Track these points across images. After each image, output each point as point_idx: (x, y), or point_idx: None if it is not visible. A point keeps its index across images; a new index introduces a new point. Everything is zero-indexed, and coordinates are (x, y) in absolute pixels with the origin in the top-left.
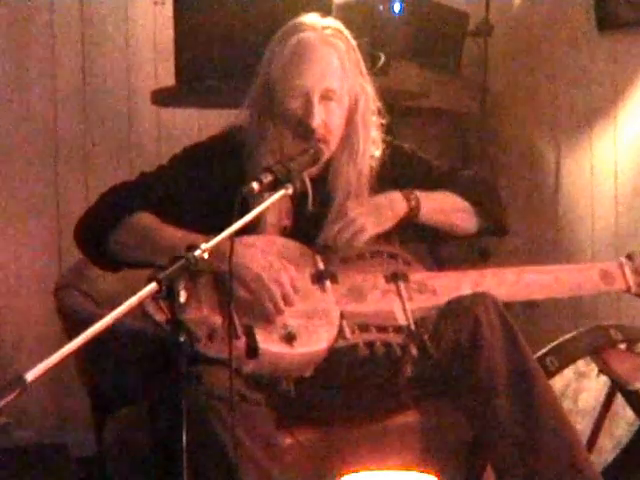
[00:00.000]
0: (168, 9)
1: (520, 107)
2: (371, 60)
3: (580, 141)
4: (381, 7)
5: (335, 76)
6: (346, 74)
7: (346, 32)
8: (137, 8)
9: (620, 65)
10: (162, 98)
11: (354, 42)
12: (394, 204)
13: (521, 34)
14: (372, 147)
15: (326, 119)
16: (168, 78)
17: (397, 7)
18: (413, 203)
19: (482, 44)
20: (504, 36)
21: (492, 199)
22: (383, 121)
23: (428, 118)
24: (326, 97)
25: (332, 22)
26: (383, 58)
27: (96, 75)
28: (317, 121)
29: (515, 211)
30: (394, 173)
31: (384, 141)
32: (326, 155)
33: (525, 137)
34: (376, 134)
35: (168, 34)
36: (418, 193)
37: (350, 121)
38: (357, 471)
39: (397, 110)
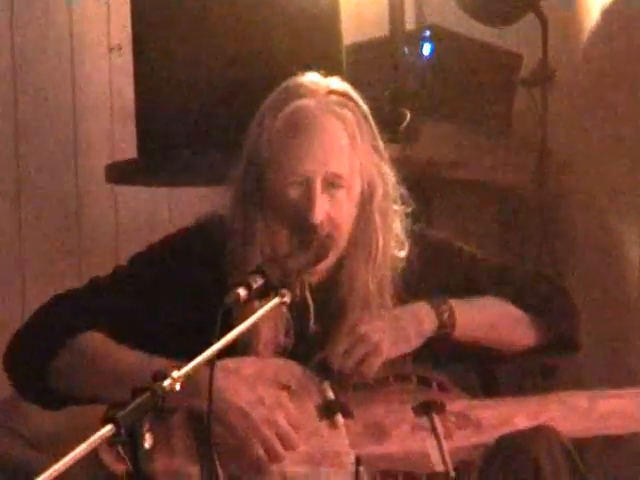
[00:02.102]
0: (127, 57)
1: (593, 179)
2: (394, 119)
3: None
4: (406, 49)
5: (342, 156)
6: (357, 152)
7: (356, 96)
8: (87, 55)
9: None
10: (120, 174)
11: (367, 108)
12: (420, 318)
13: (591, 81)
14: (395, 245)
15: (331, 212)
16: (128, 148)
17: (427, 49)
18: (445, 316)
19: (539, 95)
20: (568, 85)
21: (559, 305)
22: (408, 210)
23: (469, 194)
24: (331, 184)
25: (339, 84)
26: (409, 116)
27: (33, 144)
28: (320, 215)
29: (588, 318)
30: (424, 274)
31: (411, 232)
32: (333, 253)
33: (600, 219)
34: (400, 228)
35: (127, 91)
36: (453, 302)
37: (364, 213)
38: None
39: (428, 185)
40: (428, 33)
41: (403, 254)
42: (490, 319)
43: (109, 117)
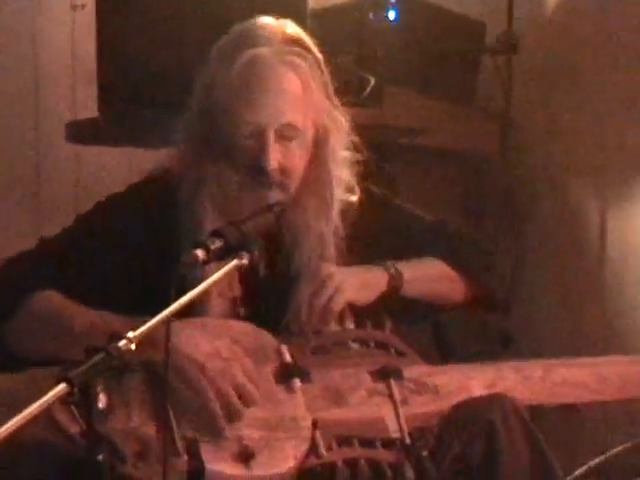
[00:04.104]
0: (91, 15)
1: (553, 147)
2: (358, 84)
3: (633, 192)
4: (372, 15)
5: (296, 107)
6: (310, 101)
7: (310, 43)
8: (50, 12)
9: None
10: (81, 133)
11: (320, 55)
12: (373, 272)
13: (555, 51)
14: (343, 191)
15: (284, 160)
16: (89, 107)
17: (392, 14)
18: (393, 271)
19: (504, 64)
20: (532, 54)
21: (481, 266)
22: (360, 158)
23: (433, 160)
24: (285, 133)
25: (292, 29)
26: (373, 82)
27: None
28: (273, 164)
29: (547, 283)
30: (365, 227)
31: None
32: (287, 198)
33: (560, 186)
34: (350, 174)
35: (90, 49)
36: (396, 263)
37: (318, 160)
38: None
39: (392, 150)
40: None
41: (354, 199)
42: (430, 276)
43: (71, 75)
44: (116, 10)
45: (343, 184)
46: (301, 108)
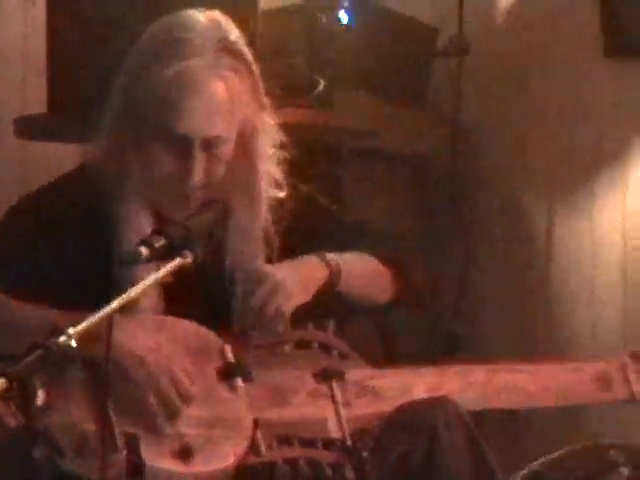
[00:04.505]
0: (41, 10)
1: (502, 150)
2: (308, 86)
3: (579, 198)
4: (324, 16)
5: (224, 118)
6: (239, 109)
7: (242, 46)
8: (1, 8)
9: (631, 100)
10: (29, 129)
11: (251, 58)
12: (313, 266)
13: (505, 56)
14: (271, 187)
15: (209, 168)
16: (39, 103)
17: (344, 17)
18: (334, 264)
19: (454, 68)
20: (482, 58)
21: (404, 262)
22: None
23: (383, 163)
24: (210, 143)
25: (228, 34)
26: (323, 84)
27: None
28: (198, 179)
29: (494, 284)
30: (291, 225)
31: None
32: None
33: (508, 189)
34: (277, 172)
35: (41, 44)
36: (333, 255)
37: (246, 161)
38: None
39: (342, 153)
40: (347, 2)
41: (282, 195)
42: (365, 272)
43: (22, 70)
44: (66, 5)
45: (272, 181)
46: (228, 118)
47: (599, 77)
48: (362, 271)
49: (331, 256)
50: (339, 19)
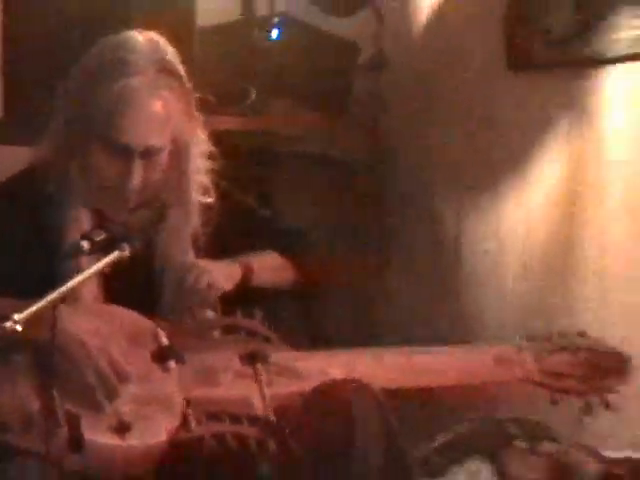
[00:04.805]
0: None
1: (417, 155)
2: (241, 96)
3: (485, 198)
4: (256, 32)
5: (160, 131)
6: (174, 123)
7: (180, 69)
8: None
9: (532, 110)
10: None
11: (185, 78)
12: (230, 267)
13: (420, 70)
14: (200, 193)
15: (145, 174)
16: None
17: (275, 33)
18: (245, 265)
19: (374, 81)
20: (400, 72)
21: (307, 255)
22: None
23: (309, 166)
24: (148, 152)
25: (166, 56)
26: (254, 94)
27: None
28: (136, 183)
29: (411, 276)
30: (219, 225)
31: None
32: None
33: (422, 191)
34: (206, 180)
35: None
36: (245, 258)
37: (179, 169)
38: None
39: (271, 156)
40: (277, 20)
41: (210, 200)
42: (270, 266)
43: None
44: (21, 14)
45: (201, 188)
46: (163, 131)
47: (503, 88)
48: (268, 267)
49: (244, 260)
50: (270, 36)
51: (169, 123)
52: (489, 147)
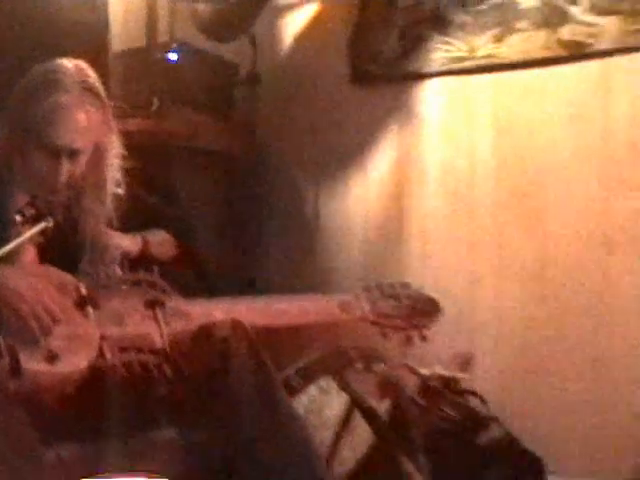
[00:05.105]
0: None
1: (285, 150)
2: (147, 104)
3: (336, 183)
4: (158, 55)
5: (83, 137)
6: (94, 132)
7: (100, 87)
8: None
9: (370, 115)
10: None
11: (103, 93)
12: (134, 239)
13: (286, 83)
14: (115, 186)
15: (70, 169)
16: None
17: (173, 56)
18: (143, 238)
19: (250, 92)
20: (271, 85)
21: (189, 234)
22: (126, 166)
23: (201, 159)
24: (73, 152)
25: (88, 76)
26: (157, 103)
27: None
28: (63, 176)
29: (282, 241)
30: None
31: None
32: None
33: (289, 178)
34: (118, 175)
35: None
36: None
37: (98, 167)
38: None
39: (171, 152)
40: (174, 45)
41: (120, 191)
42: (161, 240)
43: None
44: None
45: (114, 181)
46: (86, 138)
47: (348, 98)
48: (160, 241)
49: (143, 234)
50: (169, 58)
51: (90, 131)
52: (338, 144)
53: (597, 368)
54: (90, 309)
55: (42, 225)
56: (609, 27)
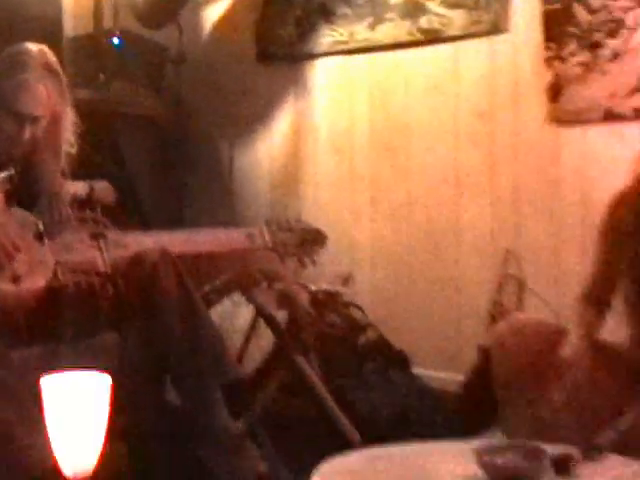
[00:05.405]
0: None
1: (206, 116)
2: (95, 78)
3: (247, 142)
4: (104, 40)
5: (44, 106)
6: (52, 102)
7: (57, 65)
8: None
9: (272, 88)
10: None
11: (60, 70)
12: (82, 185)
13: (206, 62)
14: (68, 146)
15: (32, 132)
16: None
17: (116, 41)
18: (90, 186)
19: (177, 69)
20: (194, 63)
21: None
22: (77, 130)
23: (138, 123)
24: (35, 120)
25: (48, 57)
26: (103, 78)
27: None
28: (26, 137)
29: (203, 190)
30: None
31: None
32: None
33: (210, 140)
34: (72, 138)
35: None
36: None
37: (55, 131)
38: None
39: (116, 118)
40: (118, 32)
41: (73, 150)
42: (105, 187)
43: None
44: None
45: (68, 143)
46: (45, 106)
47: (254, 74)
48: (102, 189)
49: (90, 182)
50: (114, 42)
51: (49, 102)
52: (248, 111)
53: (447, 281)
54: (46, 241)
55: (4, 174)
56: (457, 18)
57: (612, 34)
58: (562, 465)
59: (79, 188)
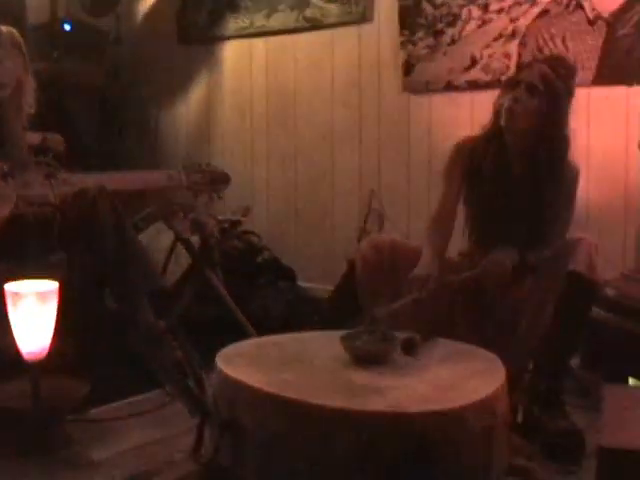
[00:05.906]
0: None
1: (138, 86)
2: (50, 55)
3: (170, 106)
4: (58, 26)
5: (10, 75)
6: (17, 71)
7: (22, 43)
8: None
9: (190, 68)
10: None
11: (23, 44)
12: (38, 135)
13: (138, 43)
14: (28, 107)
15: (1, 95)
16: None
17: (67, 27)
18: (43, 135)
19: (117, 48)
20: (129, 44)
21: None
22: (36, 95)
23: (84, 91)
24: (3, 86)
25: (15, 37)
26: (56, 54)
27: None
28: None
29: (136, 144)
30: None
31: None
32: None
33: (141, 104)
34: (32, 100)
35: None
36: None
37: (17, 96)
38: None
39: (67, 86)
40: (69, 20)
41: (32, 111)
42: (57, 140)
43: None
44: None
45: (28, 104)
46: (12, 75)
47: (176, 55)
48: (56, 140)
49: (44, 134)
50: (65, 28)
51: (15, 72)
52: (171, 83)
53: (325, 213)
54: (10, 179)
55: None
56: (333, 9)
57: (451, 24)
58: (407, 346)
59: (35, 138)
